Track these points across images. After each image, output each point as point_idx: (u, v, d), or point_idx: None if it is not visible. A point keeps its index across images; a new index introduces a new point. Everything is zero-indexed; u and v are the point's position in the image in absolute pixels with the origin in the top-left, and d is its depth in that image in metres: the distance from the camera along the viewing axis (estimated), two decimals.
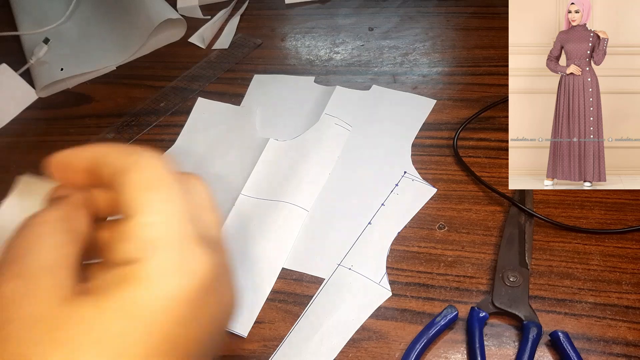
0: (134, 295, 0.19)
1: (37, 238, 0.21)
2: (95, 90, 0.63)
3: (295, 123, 0.55)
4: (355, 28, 0.67)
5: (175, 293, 0.19)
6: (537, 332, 0.37)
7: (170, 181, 0.21)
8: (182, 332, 0.20)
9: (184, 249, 0.20)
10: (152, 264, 0.19)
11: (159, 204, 0.20)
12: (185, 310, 0.19)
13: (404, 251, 0.44)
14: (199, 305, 0.20)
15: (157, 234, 0.20)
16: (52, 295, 0.19)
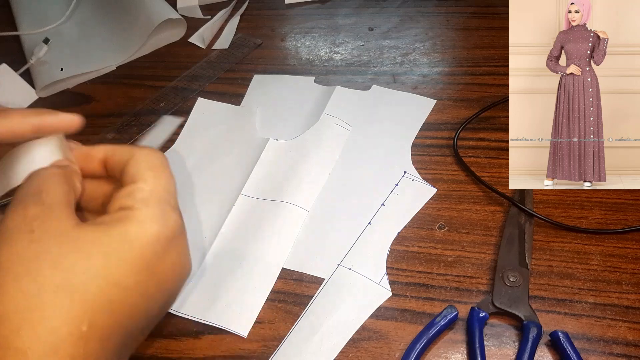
0: (129, 229, 0.26)
1: (50, 182, 0.28)
2: (95, 90, 0.63)
3: (295, 123, 0.55)
4: (355, 28, 0.67)
5: (155, 233, 0.27)
6: (537, 332, 0.37)
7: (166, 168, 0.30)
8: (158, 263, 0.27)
9: (164, 209, 0.28)
10: (142, 212, 0.27)
11: (153, 179, 0.29)
12: (161, 248, 0.27)
13: (404, 251, 0.44)
14: (169, 249, 0.28)
15: (148, 196, 0.28)
16: (65, 221, 0.26)
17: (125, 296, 0.25)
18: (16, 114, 0.31)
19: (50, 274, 0.24)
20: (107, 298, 0.25)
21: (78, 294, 0.24)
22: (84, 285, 0.24)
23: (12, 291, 0.23)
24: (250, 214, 0.46)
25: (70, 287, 0.24)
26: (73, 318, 0.24)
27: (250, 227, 0.45)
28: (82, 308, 0.24)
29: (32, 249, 0.24)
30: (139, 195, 0.28)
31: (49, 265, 0.24)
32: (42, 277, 0.24)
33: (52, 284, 0.24)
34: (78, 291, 0.24)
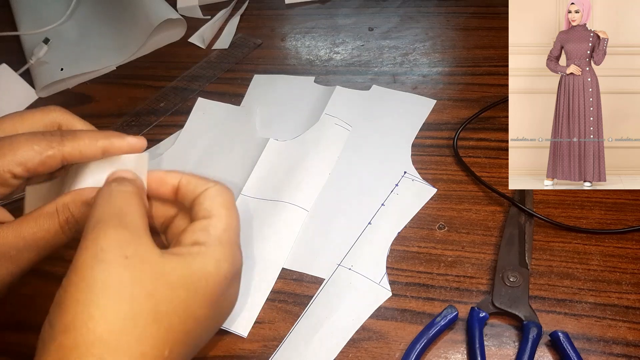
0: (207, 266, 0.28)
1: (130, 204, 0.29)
2: (95, 90, 0.63)
3: (295, 123, 0.55)
4: (355, 28, 0.67)
5: (226, 272, 0.29)
6: (537, 332, 0.37)
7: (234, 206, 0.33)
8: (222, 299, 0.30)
9: (233, 248, 0.31)
10: (217, 250, 0.29)
11: (226, 218, 0.31)
12: (226, 285, 0.29)
13: (404, 251, 0.44)
14: (231, 284, 0.30)
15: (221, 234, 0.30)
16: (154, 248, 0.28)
17: (196, 327, 0.28)
18: (85, 136, 0.32)
19: (145, 301, 0.26)
20: (184, 328, 0.27)
21: (164, 323, 0.26)
22: (168, 314, 0.26)
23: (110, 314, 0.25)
24: (250, 214, 0.46)
25: (159, 315, 0.26)
26: (159, 344, 0.26)
27: (250, 227, 0.45)
28: (167, 336, 0.26)
29: (127, 275, 0.26)
30: (213, 232, 0.30)
31: (144, 293, 0.26)
32: (138, 303, 0.25)
33: (146, 310, 0.26)
34: (164, 320, 0.26)
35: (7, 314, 0.43)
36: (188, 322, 0.27)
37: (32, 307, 0.43)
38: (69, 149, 0.31)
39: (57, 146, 0.31)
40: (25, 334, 0.42)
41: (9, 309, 0.43)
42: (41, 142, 0.31)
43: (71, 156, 0.32)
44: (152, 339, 0.25)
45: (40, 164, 0.31)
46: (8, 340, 0.42)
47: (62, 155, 0.31)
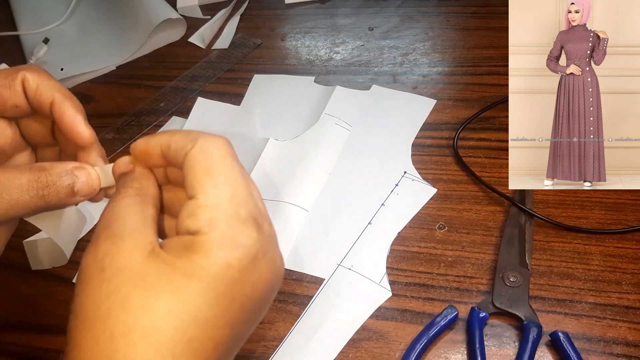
0: (195, 260, 0.24)
1: (122, 209, 0.26)
2: (95, 90, 0.63)
3: (295, 123, 0.55)
4: (355, 28, 0.67)
5: (227, 261, 0.24)
6: (538, 332, 0.37)
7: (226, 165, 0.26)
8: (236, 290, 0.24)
9: (233, 227, 0.25)
10: (209, 237, 0.24)
11: (212, 190, 0.25)
12: (235, 273, 0.24)
13: (404, 251, 0.44)
14: (248, 270, 0.25)
15: (212, 215, 0.24)
16: (137, 252, 0.24)
17: (206, 331, 0.24)
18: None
19: (121, 317, 0.22)
20: (185, 337, 0.23)
21: (152, 337, 0.22)
22: (156, 326, 0.22)
23: (85, 338, 0.23)
24: None
25: (142, 329, 0.22)
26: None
27: None
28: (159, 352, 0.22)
29: (103, 290, 0.23)
30: (202, 215, 0.25)
31: (119, 308, 0.23)
32: (113, 321, 0.22)
33: (123, 328, 0.22)
34: (150, 334, 0.22)
35: (7, 314, 0.43)
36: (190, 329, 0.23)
37: (32, 307, 0.43)
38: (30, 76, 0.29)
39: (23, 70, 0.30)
40: (25, 334, 0.42)
41: (9, 309, 0.43)
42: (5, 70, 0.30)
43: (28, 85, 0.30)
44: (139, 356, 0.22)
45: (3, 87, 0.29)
46: (8, 340, 0.42)
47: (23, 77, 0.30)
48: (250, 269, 0.25)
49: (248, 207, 0.26)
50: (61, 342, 0.41)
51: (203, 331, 0.23)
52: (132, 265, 0.24)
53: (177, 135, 0.27)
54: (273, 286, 0.27)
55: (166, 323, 0.23)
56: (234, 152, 0.28)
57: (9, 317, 0.43)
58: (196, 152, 0.26)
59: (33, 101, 0.30)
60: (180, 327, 0.23)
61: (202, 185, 0.25)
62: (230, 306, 0.24)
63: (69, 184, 0.29)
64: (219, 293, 0.24)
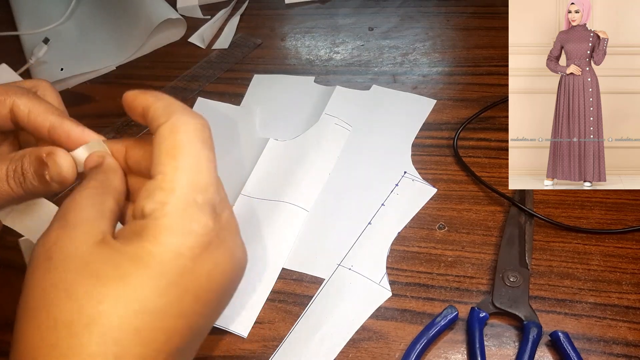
0: (144, 246, 0.23)
1: (80, 199, 0.25)
2: (95, 90, 0.63)
3: (295, 123, 0.55)
4: (355, 28, 0.67)
5: (177, 248, 0.23)
6: (538, 333, 0.37)
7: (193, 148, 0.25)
8: (189, 279, 0.23)
9: (187, 213, 0.24)
10: (161, 222, 0.23)
11: (172, 172, 0.24)
12: (187, 262, 0.23)
13: (404, 251, 0.44)
14: (201, 259, 0.24)
15: (167, 199, 0.24)
16: (86, 240, 0.23)
17: (155, 321, 0.22)
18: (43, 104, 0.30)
19: (66, 306, 0.22)
20: (132, 327, 0.22)
21: (97, 327, 0.21)
22: (101, 315, 0.22)
23: (29, 327, 0.22)
24: (250, 214, 0.46)
25: (87, 318, 0.21)
26: (94, 354, 0.21)
27: (250, 227, 0.45)
28: (104, 342, 0.21)
29: (49, 279, 0.23)
30: (157, 197, 0.24)
31: (64, 297, 0.22)
32: (57, 310, 0.22)
33: (67, 317, 0.22)
34: (96, 323, 0.21)
35: (7, 314, 0.43)
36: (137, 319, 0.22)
37: None
38: (20, 102, 0.29)
39: (12, 95, 0.29)
40: None
41: (9, 309, 0.43)
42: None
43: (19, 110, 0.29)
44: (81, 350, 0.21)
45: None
46: (8, 340, 0.41)
47: (11, 104, 0.29)
48: (204, 258, 0.24)
49: (207, 194, 0.25)
50: None
51: (152, 321, 0.22)
52: (78, 253, 0.23)
53: (159, 102, 0.27)
54: (231, 277, 0.26)
55: (111, 311, 0.22)
56: (207, 136, 0.26)
57: (9, 317, 0.43)
58: (166, 130, 0.25)
59: (27, 126, 0.29)
60: (126, 316, 0.22)
61: (163, 165, 0.25)
62: (184, 296, 0.23)
63: (41, 174, 0.28)
64: (170, 282, 0.23)
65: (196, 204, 0.24)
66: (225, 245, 0.25)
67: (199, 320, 0.25)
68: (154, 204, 0.24)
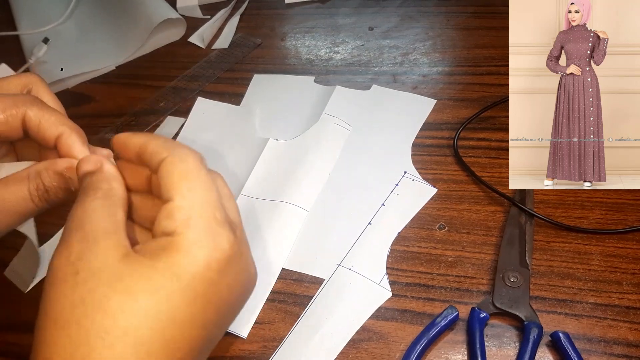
0: (175, 260, 0.24)
1: (93, 211, 0.26)
2: (95, 90, 0.63)
3: (295, 123, 0.55)
4: (355, 28, 0.67)
5: (205, 261, 0.24)
6: (538, 333, 0.37)
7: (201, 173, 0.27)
8: (213, 291, 0.25)
9: (210, 227, 0.25)
10: (186, 237, 0.24)
11: (189, 193, 0.26)
12: (214, 275, 0.24)
13: (404, 251, 0.44)
14: (225, 272, 0.25)
15: (189, 216, 0.25)
16: (111, 253, 0.24)
17: (182, 331, 0.24)
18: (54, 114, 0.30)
19: (98, 318, 0.23)
20: (162, 338, 0.23)
21: (129, 338, 0.22)
22: (134, 327, 0.23)
23: (61, 340, 0.23)
24: (250, 214, 0.46)
25: (120, 330, 0.22)
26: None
27: (250, 227, 0.45)
28: (136, 352, 0.22)
29: (78, 293, 0.23)
30: (178, 216, 0.25)
31: (95, 309, 0.23)
32: (90, 322, 0.22)
33: (100, 329, 0.22)
34: (128, 334, 0.23)
35: (7, 314, 0.43)
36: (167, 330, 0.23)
37: (32, 307, 0.43)
38: (30, 113, 0.30)
39: (22, 107, 0.30)
40: (25, 334, 0.42)
41: (9, 308, 0.43)
42: (6, 100, 0.30)
43: (29, 122, 0.30)
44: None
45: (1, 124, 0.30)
46: (8, 340, 0.42)
47: (23, 116, 0.30)
48: (228, 271, 0.25)
49: (222, 211, 0.26)
50: None
51: (180, 331, 0.24)
52: (107, 267, 0.24)
53: (156, 140, 0.28)
54: (246, 290, 0.28)
55: (144, 324, 0.23)
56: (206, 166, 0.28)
57: (9, 317, 0.43)
58: (174, 159, 0.27)
59: (36, 137, 0.30)
60: (158, 328, 0.23)
61: (178, 188, 0.26)
62: (207, 307, 0.25)
63: (65, 187, 0.30)
64: (198, 293, 0.24)
65: (217, 220, 0.25)
66: (243, 259, 0.27)
67: (216, 330, 0.26)
68: (177, 222, 0.25)
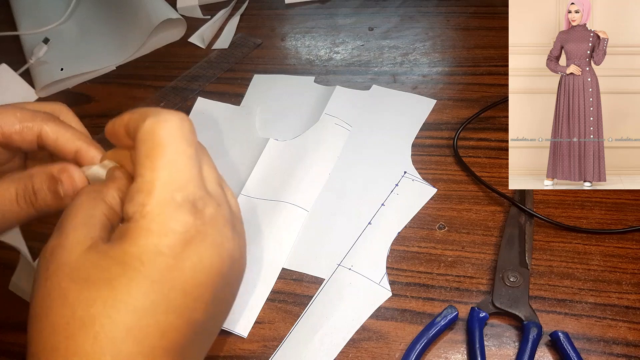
0: (128, 249, 0.24)
1: (72, 208, 0.26)
2: (95, 90, 0.63)
3: (295, 123, 0.55)
4: (355, 28, 0.67)
5: (156, 248, 0.24)
6: (538, 333, 0.37)
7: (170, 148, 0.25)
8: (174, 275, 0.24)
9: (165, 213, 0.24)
10: (139, 224, 0.24)
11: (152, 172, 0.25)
12: (169, 260, 0.24)
13: (404, 251, 0.44)
14: (182, 256, 0.24)
15: (145, 200, 0.24)
16: (77, 246, 0.24)
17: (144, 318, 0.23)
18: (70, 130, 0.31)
19: (61, 311, 0.23)
20: (123, 326, 0.23)
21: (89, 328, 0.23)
22: (93, 317, 0.23)
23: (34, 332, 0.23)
24: (250, 214, 0.46)
25: (79, 321, 0.23)
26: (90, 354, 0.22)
27: (250, 227, 0.45)
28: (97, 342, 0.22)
29: (47, 286, 0.24)
30: (137, 199, 0.25)
31: (59, 302, 0.23)
32: (54, 315, 0.23)
33: (63, 321, 0.23)
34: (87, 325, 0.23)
35: (7, 314, 0.43)
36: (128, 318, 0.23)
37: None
38: (48, 128, 0.30)
39: (39, 122, 0.30)
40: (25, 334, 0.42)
41: (9, 308, 0.43)
42: (25, 113, 0.30)
43: (47, 137, 0.30)
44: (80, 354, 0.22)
45: (16, 132, 0.30)
46: (8, 340, 0.42)
47: (39, 130, 0.30)
48: (187, 254, 0.25)
49: (187, 190, 0.25)
50: None
51: (141, 319, 0.23)
52: (70, 260, 0.24)
53: (134, 114, 0.27)
54: (221, 270, 0.26)
55: (102, 313, 0.23)
56: (187, 131, 0.27)
57: (9, 317, 0.43)
58: (143, 132, 0.26)
59: (54, 150, 0.31)
60: (115, 316, 0.23)
61: (142, 167, 0.25)
62: (170, 292, 0.24)
63: (54, 190, 0.29)
64: (153, 280, 0.24)
65: (174, 202, 0.25)
66: (209, 240, 0.25)
67: (196, 315, 0.25)
68: (135, 207, 0.25)
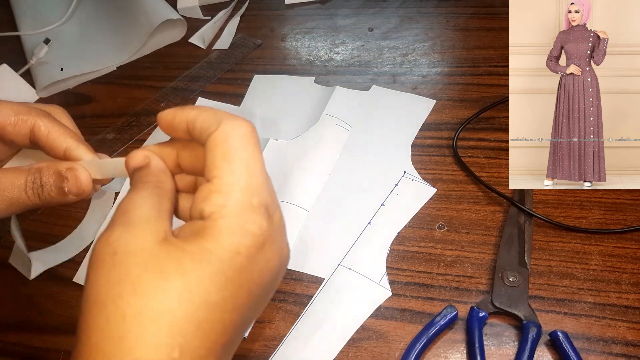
0: (205, 245, 0.24)
1: (139, 199, 0.27)
2: (96, 90, 0.63)
3: (295, 123, 0.55)
4: (355, 28, 0.67)
5: (236, 248, 0.25)
6: (537, 332, 0.37)
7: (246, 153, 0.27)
8: (244, 276, 0.25)
9: (243, 214, 0.25)
10: (220, 222, 0.25)
11: (228, 176, 0.26)
12: (243, 260, 0.25)
13: (404, 251, 0.44)
14: (255, 258, 0.25)
15: (225, 201, 0.25)
16: (149, 237, 0.25)
17: (214, 314, 0.24)
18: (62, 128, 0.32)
19: (132, 299, 0.23)
20: (195, 319, 0.24)
21: (163, 319, 0.23)
22: (167, 308, 0.23)
23: (99, 320, 0.23)
24: None
25: (153, 312, 0.23)
26: (160, 345, 0.23)
27: None
28: (170, 334, 0.23)
29: (115, 273, 0.24)
30: (215, 200, 0.25)
31: (130, 290, 0.23)
32: (125, 303, 0.23)
33: (134, 310, 0.23)
34: (161, 316, 0.23)
35: (8, 314, 0.43)
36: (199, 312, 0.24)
37: (32, 307, 0.43)
38: (41, 123, 0.31)
39: (34, 116, 0.32)
40: (25, 334, 0.42)
41: (9, 308, 0.43)
42: (21, 107, 0.32)
43: (39, 131, 0.31)
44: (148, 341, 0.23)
45: (10, 124, 0.31)
46: (8, 340, 0.42)
47: (32, 124, 0.31)
48: (258, 256, 0.26)
49: (262, 196, 0.26)
50: (62, 342, 0.41)
51: (212, 314, 0.24)
52: (143, 249, 0.24)
53: (205, 113, 0.28)
54: (279, 273, 0.28)
55: (176, 305, 0.23)
56: (257, 139, 0.28)
57: (9, 317, 0.43)
58: (218, 135, 0.27)
59: (45, 146, 0.32)
60: (190, 310, 0.23)
61: (219, 169, 0.26)
62: (239, 291, 0.25)
63: (60, 186, 0.31)
64: (228, 278, 0.24)
65: (252, 206, 0.26)
66: (276, 245, 0.27)
67: (249, 313, 0.27)
68: (213, 207, 0.25)
